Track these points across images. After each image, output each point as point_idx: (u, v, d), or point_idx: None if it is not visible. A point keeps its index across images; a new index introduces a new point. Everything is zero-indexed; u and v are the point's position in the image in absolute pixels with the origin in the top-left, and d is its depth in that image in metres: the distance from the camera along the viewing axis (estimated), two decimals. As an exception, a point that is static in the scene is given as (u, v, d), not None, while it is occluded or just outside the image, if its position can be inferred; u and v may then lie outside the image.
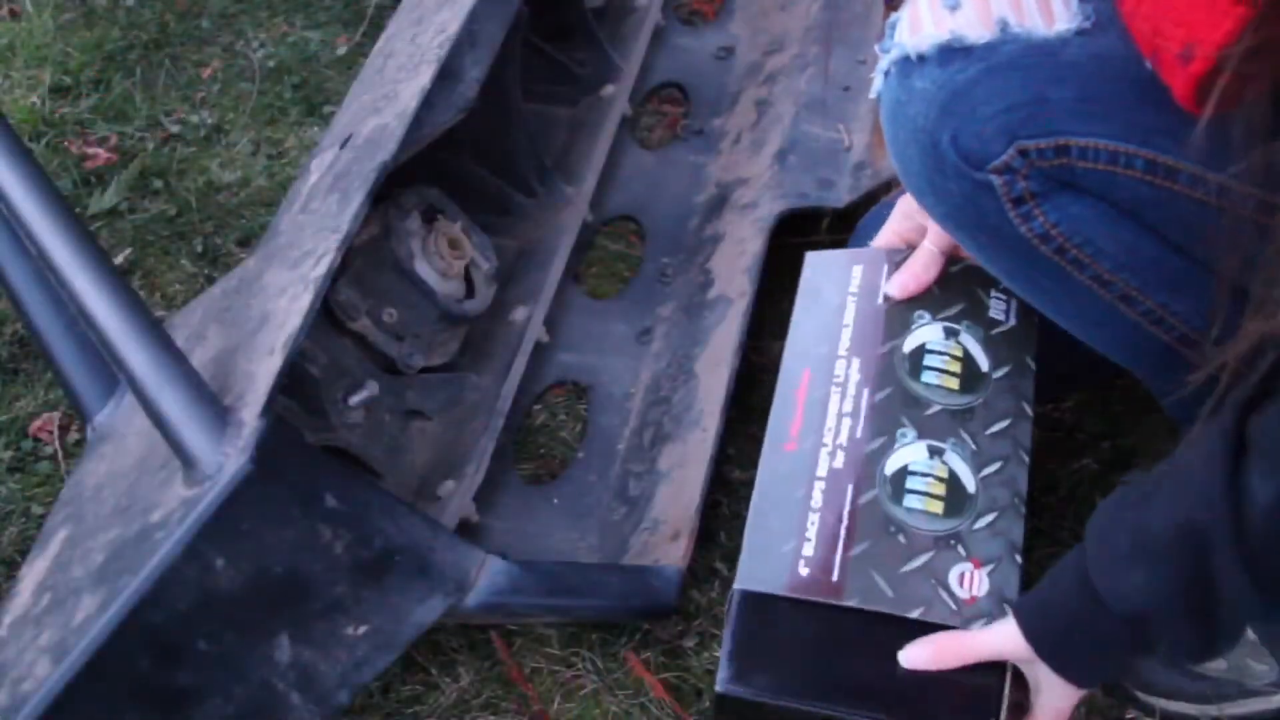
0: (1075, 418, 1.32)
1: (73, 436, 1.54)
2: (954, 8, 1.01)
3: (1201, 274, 0.99)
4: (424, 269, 1.44)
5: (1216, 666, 1.19)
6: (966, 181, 1.01)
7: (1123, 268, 1.02)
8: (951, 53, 1.00)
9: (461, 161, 1.61)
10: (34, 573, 1.21)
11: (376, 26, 1.99)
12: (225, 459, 1.05)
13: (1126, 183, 0.98)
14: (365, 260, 1.43)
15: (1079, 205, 1.01)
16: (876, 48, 1.05)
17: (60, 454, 1.52)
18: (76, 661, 1.04)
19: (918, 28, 1.02)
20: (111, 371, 1.22)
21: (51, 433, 1.54)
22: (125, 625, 1.04)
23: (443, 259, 1.46)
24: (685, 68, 1.89)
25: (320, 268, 1.18)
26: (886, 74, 1.04)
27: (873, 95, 1.07)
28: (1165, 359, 1.06)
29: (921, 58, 1.01)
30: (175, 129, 1.92)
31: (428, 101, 1.29)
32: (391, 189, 1.44)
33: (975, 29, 1.00)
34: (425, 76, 1.32)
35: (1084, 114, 0.97)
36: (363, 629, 1.11)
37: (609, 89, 1.78)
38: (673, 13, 1.95)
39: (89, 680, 1.05)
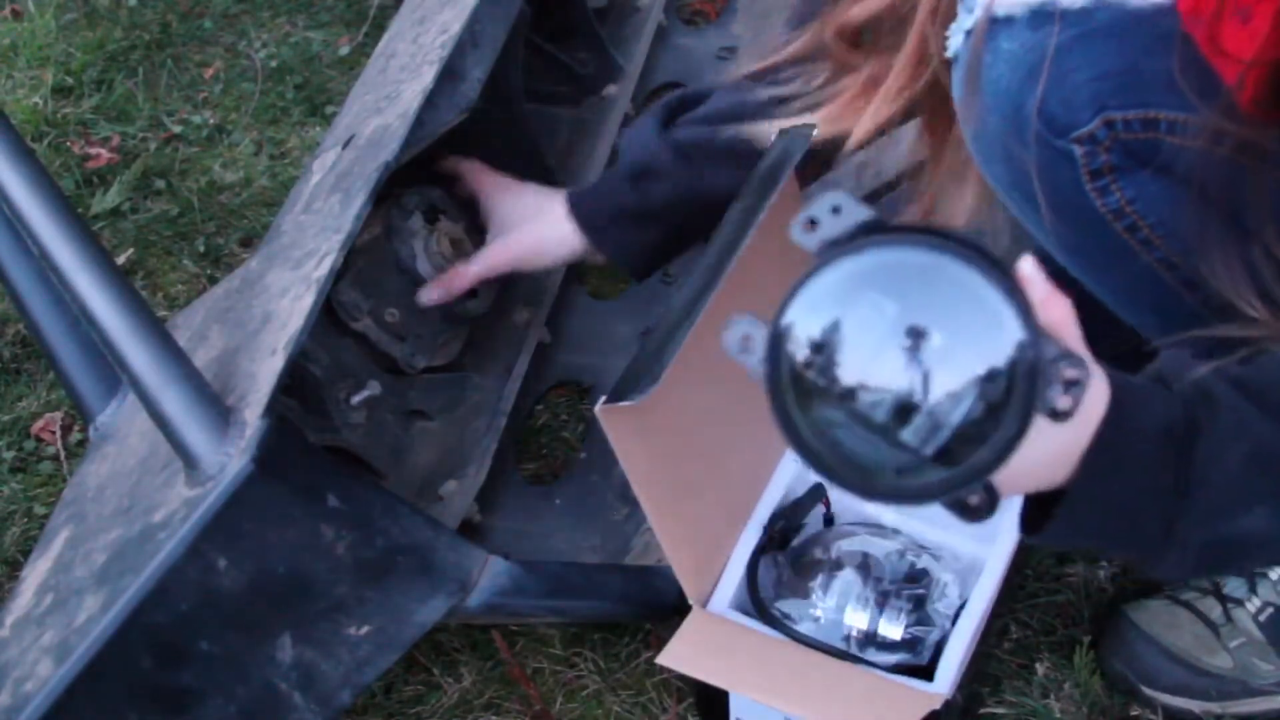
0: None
1: (75, 437, 1.54)
2: None
3: None
4: (426, 269, 1.44)
5: (1222, 664, 1.19)
6: (1046, 149, 0.99)
7: (1192, 252, 0.99)
8: (1043, 16, 0.97)
9: (464, 162, 1.60)
10: (36, 573, 1.21)
11: (379, 27, 1.99)
12: (227, 459, 1.05)
13: (1211, 160, 0.95)
14: (367, 260, 1.43)
15: (1157, 184, 0.99)
16: (959, 6, 1.02)
17: (62, 454, 1.52)
18: (79, 662, 1.04)
19: None
20: (114, 372, 1.22)
21: (54, 433, 1.54)
22: (127, 625, 1.04)
23: (445, 259, 1.46)
24: (687, 68, 1.89)
25: (323, 268, 1.18)
26: (969, 34, 1.01)
27: (949, 55, 1.04)
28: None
29: (1010, 19, 0.98)
30: (177, 129, 1.92)
31: (430, 102, 1.29)
32: (394, 189, 1.44)
33: None
34: (427, 77, 1.32)
35: (1176, 88, 0.94)
36: (365, 629, 1.11)
37: (611, 89, 1.78)
38: (675, 13, 1.95)
39: (91, 680, 1.05)
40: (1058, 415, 0.71)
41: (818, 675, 1.14)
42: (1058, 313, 0.74)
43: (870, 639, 1.18)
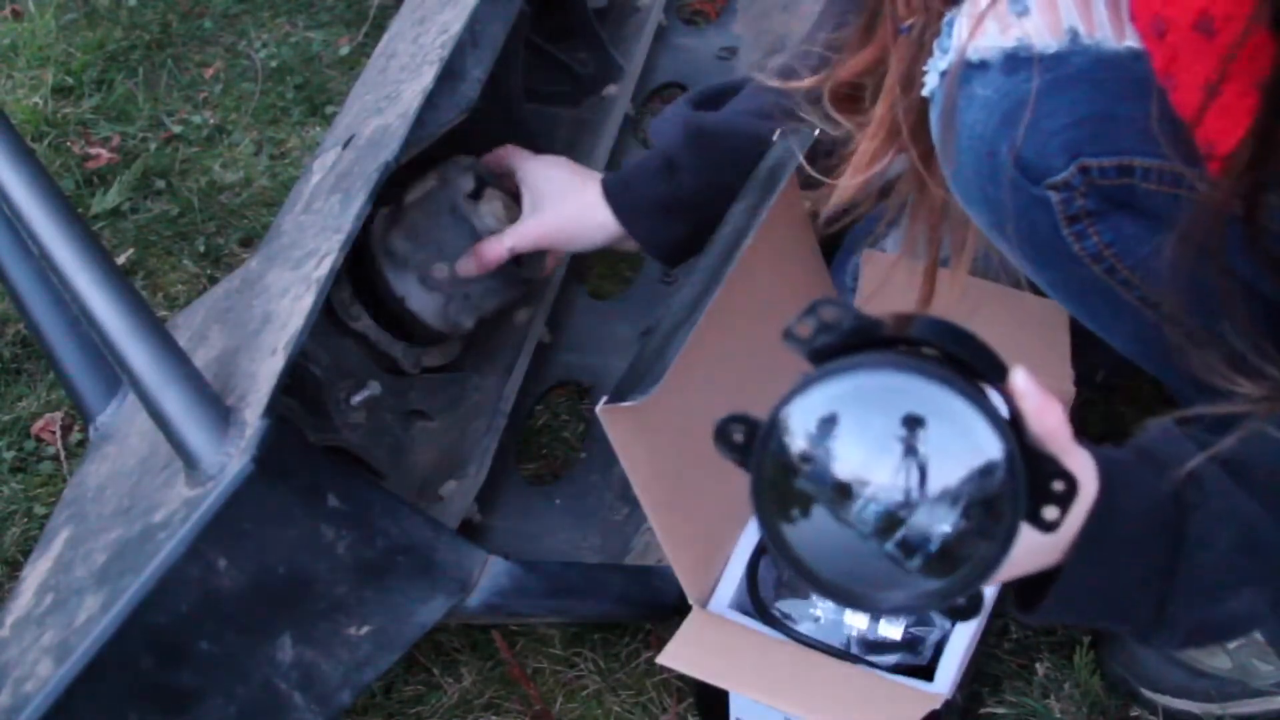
0: (1078, 417, 1.32)
1: (75, 437, 1.54)
2: (1021, 13, 0.96)
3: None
4: (479, 224, 1.42)
5: (1221, 665, 1.19)
6: (1022, 195, 0.98)
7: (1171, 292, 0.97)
8: (1017, 60, 0.96)
9: (464, 161, 1.60)
10: (36, 573, 1.21)
11: (379, 27, 1.99)
12: (228, 459, 1.05)
13: (1189, 207, 0.93)
14: (420, 212, 1.41)
15: (1134, 226, 0.98)
16: (935, 45, 1.01)
17: (63, 454, 1.52)
18: (79, 662, 1.04)
19: (980, 30, 0.97)
20: (114, 372, 1.22)
21: (54, 433, 1.54)
22: (128, 625, 1.04)
23: (496, 219, 1.43)
24: (688, 68, 1.89)
25: (323, 268, 1.18)
26: (943, 75, 1.00)
27: (925, 94, 1.03)
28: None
29: (984, 64, 0.97)
30: (177, 129, 1.92)
31: (430, 102, 1.29)
32: (445, 150, 1.42)
33: (1043, 37, 0.95)
34: (428, 77, 1.32)
35: (1151, 135, 0.92)
36: (365, 629, 1.11)
37: (611, 89, 1.78)
38: (675, 13, 1.95)
39: (91, 680, 1.05)
40: (1045, 526, 0.72)
41: (818, 675, 1.14)
42: (1050, 421, 0.74)
43: (870, 639, 1.18)
